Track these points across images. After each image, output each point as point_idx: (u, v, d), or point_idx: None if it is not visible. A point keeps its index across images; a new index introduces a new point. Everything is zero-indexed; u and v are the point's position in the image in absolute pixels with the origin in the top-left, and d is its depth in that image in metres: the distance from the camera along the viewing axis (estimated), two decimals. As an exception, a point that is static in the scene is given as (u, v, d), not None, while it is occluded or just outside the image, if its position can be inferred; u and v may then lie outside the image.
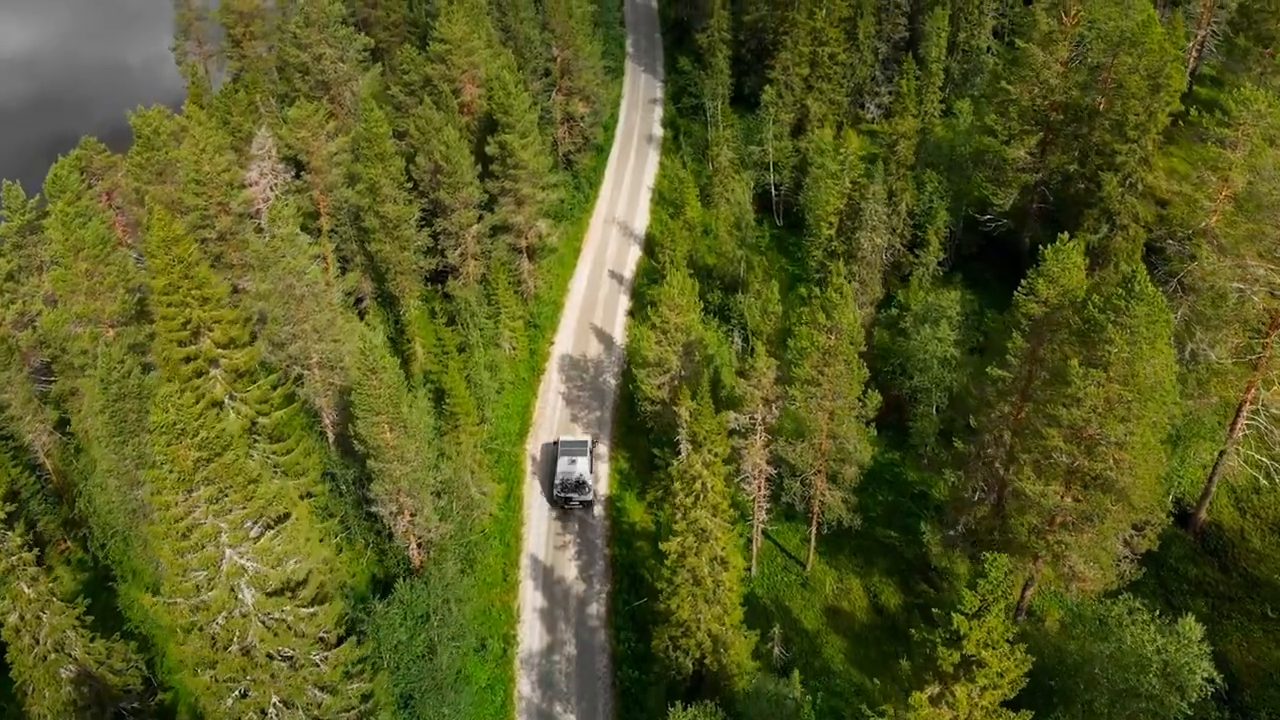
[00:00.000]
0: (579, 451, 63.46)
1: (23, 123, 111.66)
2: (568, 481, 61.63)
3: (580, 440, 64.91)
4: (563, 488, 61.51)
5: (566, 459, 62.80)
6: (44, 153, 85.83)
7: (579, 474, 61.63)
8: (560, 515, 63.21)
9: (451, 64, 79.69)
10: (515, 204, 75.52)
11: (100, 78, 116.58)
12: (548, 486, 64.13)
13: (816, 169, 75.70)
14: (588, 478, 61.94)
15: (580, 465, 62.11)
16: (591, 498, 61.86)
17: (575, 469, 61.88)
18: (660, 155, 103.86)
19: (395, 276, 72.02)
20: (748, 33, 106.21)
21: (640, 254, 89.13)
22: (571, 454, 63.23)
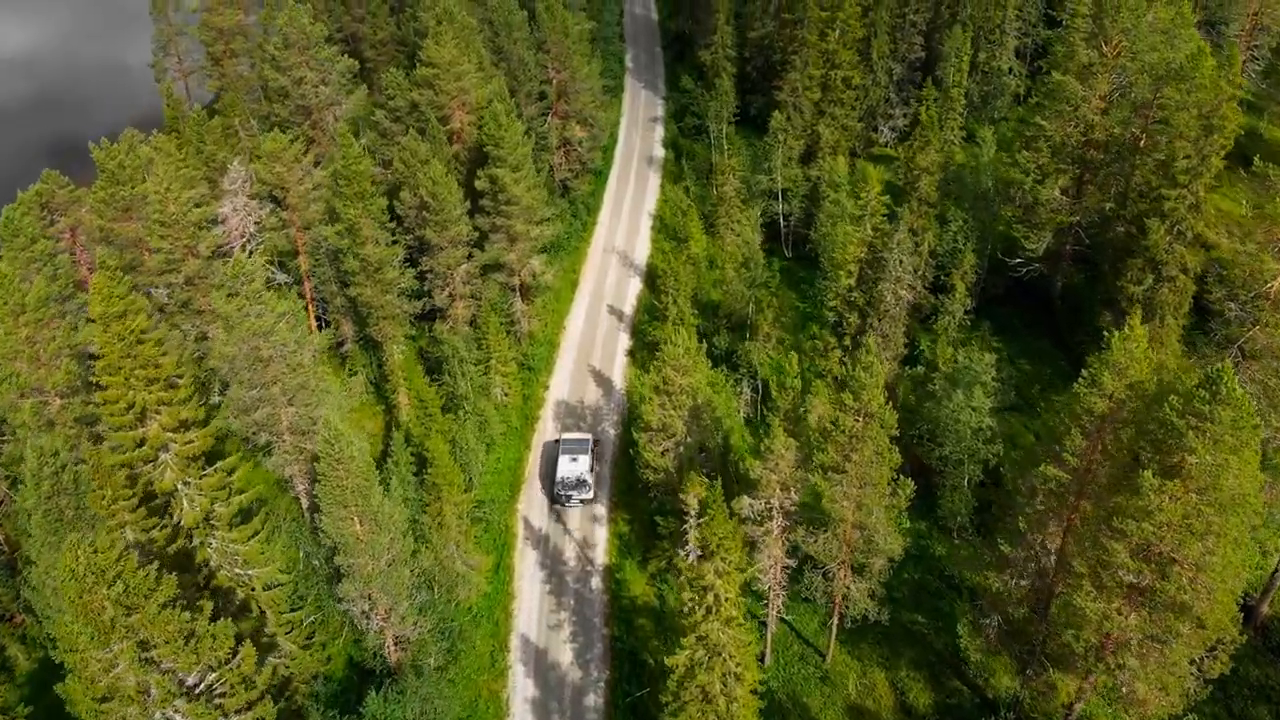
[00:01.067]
0: (580, 450, 62.33)
1: (23, 123, 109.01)
2: (568, 480, 60.79)
3: (582, 438, 63.78)
4: (563, 485, 60.77)
5: (568, 457, 61.83)
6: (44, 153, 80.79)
7: (580, 472, 60.78)
8: (554, 590, 57.66)
9: (439, 89, 73.91)
10: (508, 241, 69.83)
11: (100, 78, 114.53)
12: (548, 484, 63.22)
13: (830, 203, 70.02)
14: (588, 476, 60.99)
15: (581, 463, 61.35)
16: (592, 496, 61.21)
17: (576, 467, 61.06)
18: (661, 178, 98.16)
19: (378, 321, 66.33)
20: (753, 49, 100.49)
21: (641, 286, 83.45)
22: (573, 452, 62.20)
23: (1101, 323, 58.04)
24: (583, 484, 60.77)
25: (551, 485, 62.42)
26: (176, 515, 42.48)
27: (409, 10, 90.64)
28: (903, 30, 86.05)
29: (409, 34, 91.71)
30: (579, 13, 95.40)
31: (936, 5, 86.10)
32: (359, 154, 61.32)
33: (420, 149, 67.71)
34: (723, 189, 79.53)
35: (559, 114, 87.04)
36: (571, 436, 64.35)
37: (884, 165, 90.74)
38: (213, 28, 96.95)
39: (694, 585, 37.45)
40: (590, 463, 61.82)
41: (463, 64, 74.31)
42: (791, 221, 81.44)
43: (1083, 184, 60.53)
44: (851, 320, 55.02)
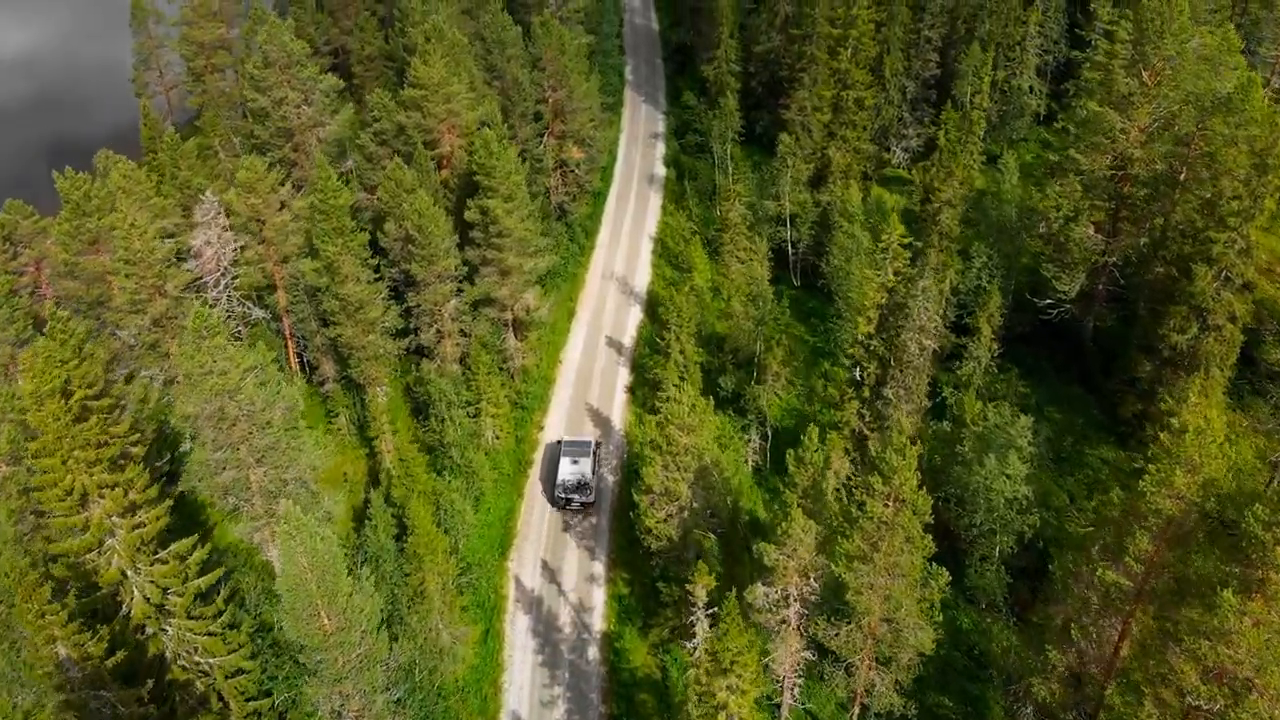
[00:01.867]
0: (582, 453, 61.04)
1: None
2: (569, 483, 59.52)
3: (584, 440, 62.50)
4: (564, 488, 59.45)
5: (569, 460, 60.56)
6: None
7: (581, 475, 59.59)
8: (547, 660, 53.11)
9: (428, 112, 69.26)
10: (499, 275, 65.18)
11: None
12: (549, 487, 61.71)
13: (843, 234, 65.48)
14: (590, 480, 59.69)
15: (583, 466, 60.04)
16: (593, 499, 59.88)
17: (578, 469, 59.90)
18: (662, 199, 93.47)
19: (360, 363, 61.72)
20: (758, 64, 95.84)
21: (641, 316, 78.81)
22: (575, 454, 60.91)
23: (1139, 371, 53.51)
24: (584, 487, 59.22)
25: (552, 488, 60.81)
26: (125, 605, 37.87)
27: (398, 24, 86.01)
28: (917, 46, 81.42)
29: (398, 49, 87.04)
30: (576, 27, 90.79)
31: (952, 20, 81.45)
32: (337, 186, 56.68)
33: (406, 177, 63.10)
34: (728, 215, 74.86)
35: (555, 134, 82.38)
36: (573, 439, 62.75)
37: (896, 188, 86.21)
38: (193, 41, 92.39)
39: (703, 701, 32.89)
40: (592, 466, 60.40)
41: (452, 85, 69.66)
42: (800, 249, 76.82)
43: (1118, 221, 55.92)
44: (871, 370, 50.40)
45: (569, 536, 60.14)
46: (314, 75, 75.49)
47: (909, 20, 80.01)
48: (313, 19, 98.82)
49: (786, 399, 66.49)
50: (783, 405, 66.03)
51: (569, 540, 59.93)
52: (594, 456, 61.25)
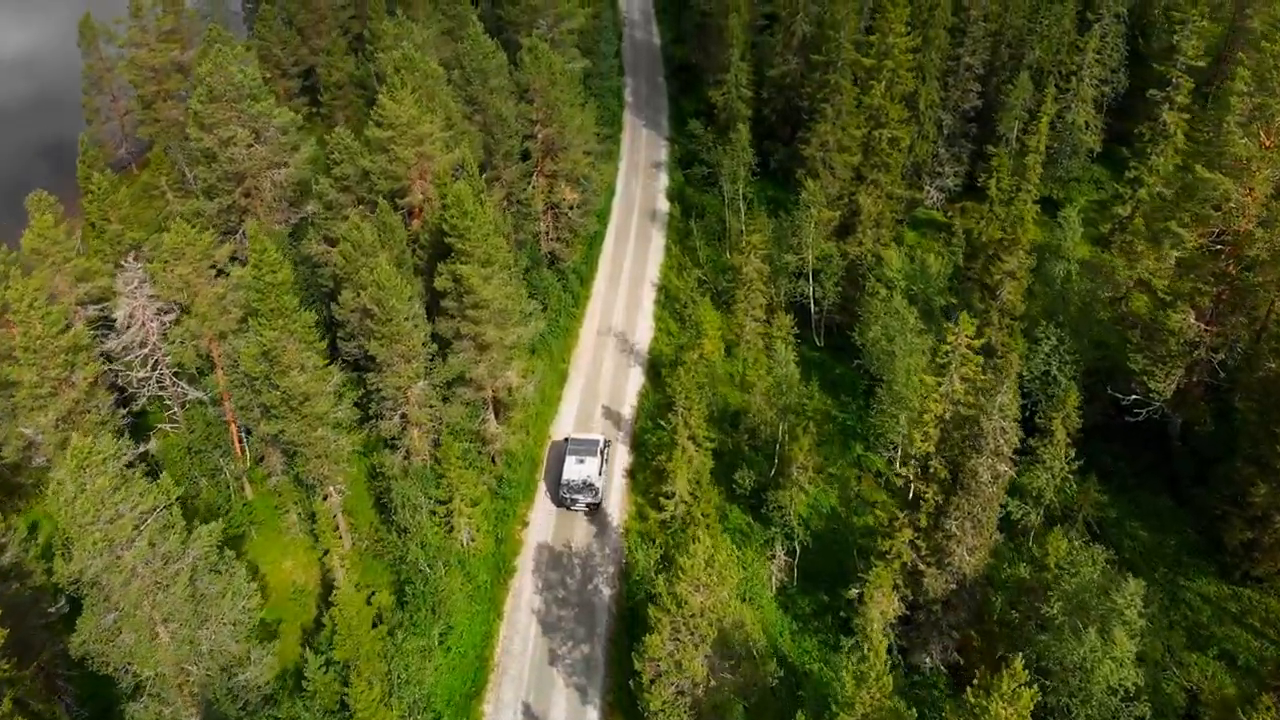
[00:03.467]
0: (589, 451, 57.82)
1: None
2: (574, 483, 56.48)
3: (592, 439, 59.21)
4: (568, 488, 56.44)
5: (574, 458, 57.37)
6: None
7: (587, 475, 56.56)
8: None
9: (395, 155, 58.98)
10: (476, 350, 54.98)
11: None
12: (553, 487, 58.51)
13: (880, 302, 55.31)
14: (596, 480, 56.70)
15: (589, 466, 56.95)
16: (599, 500, 57.14)
17: (583, 469, 56.77)
18: (666, 238, 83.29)
19: (307, 460, 51.54)
20: (772, 90, 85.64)
21: (643, 380, 68.62)
22: (581, 453, 57.71)
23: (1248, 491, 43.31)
24: (589, 488, 56.37)
25: (557, 487, 57.69)
26: None
27: (369, 48, 75.75)
28: (955, 75, 71.07)
29: (370, 76, 76.74)
30: (570, 49, 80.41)
31: (996, 45, 71.12)
32: (275, 259, 46.34)
33: (365, 237, 52.88)
34: (742, 269, 64.57)
35: (545, 173, 72.05)
36: (580, 436, 59.64)
37: (930, 232, 75.93)
38: (142, 65, 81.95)
39: None
40: (599, 465, 57.38)
41: (424, 124, 59.35)
42: (825, 306, 66.57)
43: (1221, 305, 45.74)
44: (930, 495, 40.23)
45: (556, 672, 49.99)
46: (267, 110, 65.23)
47: (946, 46, 69.71)
48: (280, 38, 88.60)
49: (814, 492, 56.31)
50: (809, 501, 55.84)
51: (556, 677, 49.77)
52: (602, 456, 58.07)
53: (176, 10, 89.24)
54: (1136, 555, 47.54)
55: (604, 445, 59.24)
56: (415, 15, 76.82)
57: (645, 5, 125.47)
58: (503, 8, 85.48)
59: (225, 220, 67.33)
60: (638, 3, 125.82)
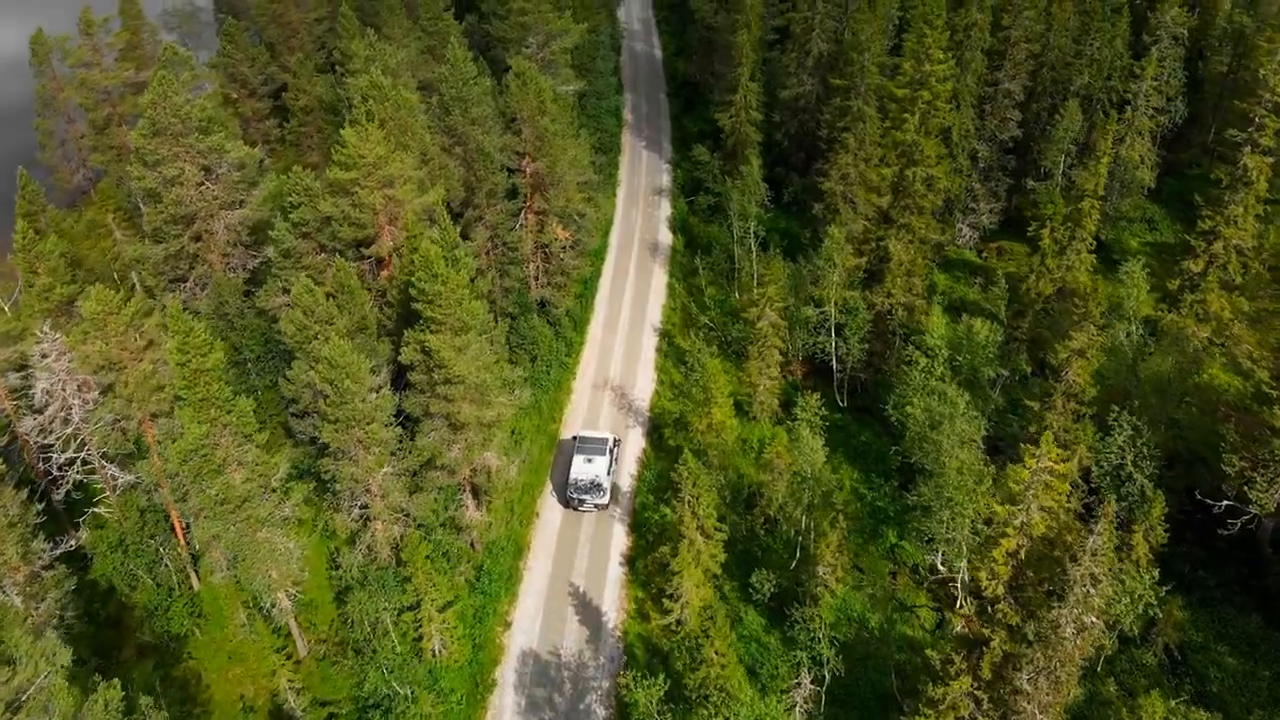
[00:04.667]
0: (598, 450, 55.55)
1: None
2: (581, 482, 54.31)
3: (601, 437, 56.99)
4: (575, 488, 54.33)
5: (583, 457, 55.16)
6: None
7: (595, 475, 54.36)
8: None
9: (360, 200, 51.02)
10: (449, 430, 47.05)
11: None
12: (561, 487, 56.31)
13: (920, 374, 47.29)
14: (604, 480, 54.39)
15: (597, 465, 54.75)
16: (607, 501, 54.74)
17: (591, 469, 54.54)
18: (669, 275, 75.46)
19: (251, 564, 43.57)
20: (785, 113, 77.61)
21: (643, 443, 60.83)
22: (589, 452, 55.39)
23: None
24: (597, 488, 54.21)
25: (564, 488, 55.48)
26: None
27: (339, 69, 67.69)
28: (993, 102, 62.93)
29: (339, 100, 68.66)
30: (564, 70, 72.34)
31: (1037, 70, 63.03)
32: (203, 342, 38.31)
33: (318, 302, 44.92)
34: (756, 323, 56.55)
35: (534, 211, 64.03)
36: (589, 434, 57.37)
37: (963, 275, 67.87)
38: (93, 87, 73.89)
39: None
40: (608, 465, 55.11)
41: (393, 163, 51.39)
42: (850, 365, 58.58)
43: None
44: (998, 642, 32.28)
45: None
46: (220, 144, 57.31)
47: (984, 70, 61.61)
48: (249, 55, 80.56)
49: (842, 592, 48.35)
50: (837, 604, 47.88)
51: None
52: (611, 455, 55.82)
53: (135, 24, 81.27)
54: (1225, 689, 39.59)
55: (613, 444, 56.89)
56: (391, 33, 68.78)
57: (645, 14, 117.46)
58: (490, 23, 77.54)
59: (174, 267, 59.56)
60: (637, 11, 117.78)
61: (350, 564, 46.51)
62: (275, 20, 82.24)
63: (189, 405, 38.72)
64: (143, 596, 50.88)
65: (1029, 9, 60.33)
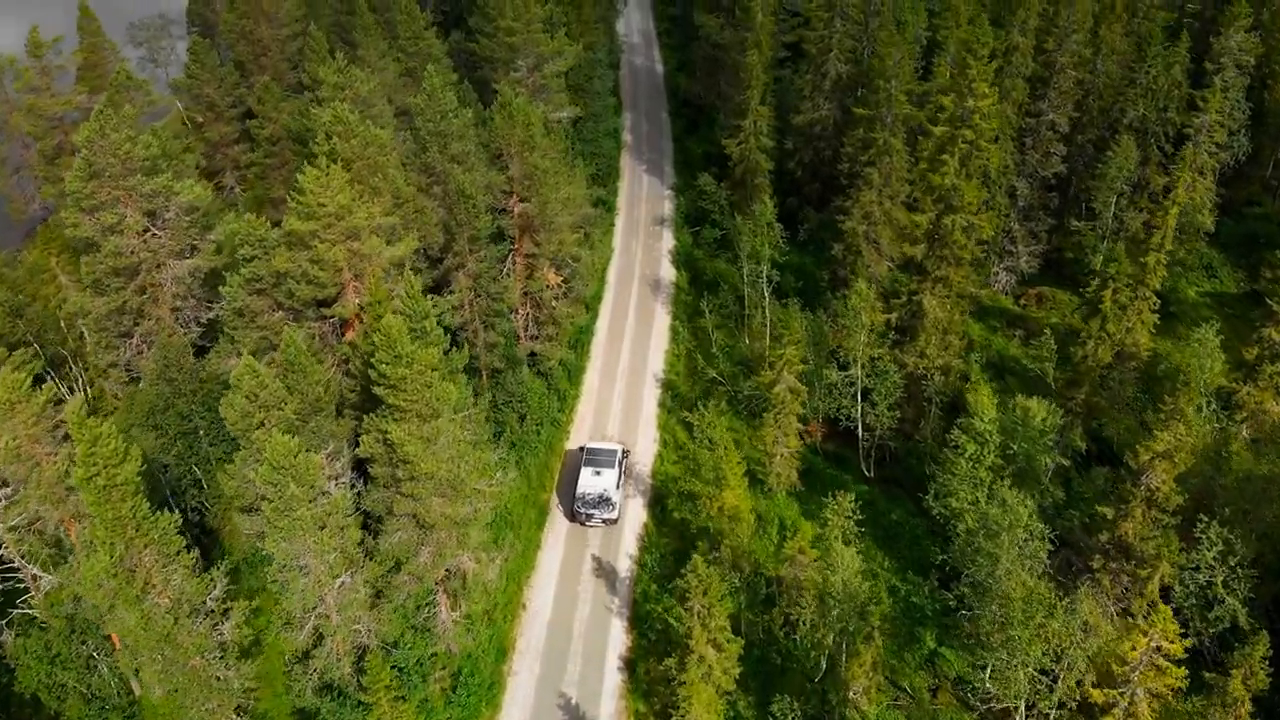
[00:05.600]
0: (607, 463, 52.96)
1: None
2: (588, 496, 51.83)
3: (610, 448, 54.30)
4: (583, 502, 51.77)
5: (590, 470, 52.69)
6: None
7: (603, 489, 51.94)
8: None
9: (319, 255, 44.18)
10: (416, 529, 40.20)
11: None
12: (567, 500, 53.40)
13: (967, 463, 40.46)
14: (614, 494, 51.93)
15: (606, 478, 52.35)
16: (616, 516, 52.13)
17: (600, 482, 52.24)
18: (671, 317, 68.76)
19: (184, 694, 36.71)
20: (799, 139, 70.76)
21: (644, 517, 54.03)
22: (597, 464, 52.87)
23: None
24: (606, 502, 51.67)
25: (571, 500, 52.62)
26: None
27: (309, 94, 60.77)
28: (1035, 134, 56.04)
29: (307, 128, 61.59)
30: (557, 94, 65.41)
31: (1084, 97, 56.14)
32: (114, 449, 31.41)
33: (262, 384, 38.09)
34: (773, 389, 49.69)
35: (523, 256, 57.19)
36: (598, 445, 54.82)
37: (998, 324, 61.03)
38: (41, 114, 66.99)
39: None
40: (617, 478, 52.61)
41: (360, 213, 44.58)
42: (878, 433, 51.75)
43: None
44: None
45: None
46: (167, 185, 50.52)
47: (1025, 98, 54.72)
48: (215, 75, 73.65)
49: (875, 713, 41.48)
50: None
51: None
52: (620, 467, 53.28)
53: (94, 42, 74.46)
54: None
55: (623, 455, 54.40)
56: (367, 55, 61.86)
57: (646, 25, 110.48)
58: (477, 41, 70.64)
59: (117, 323, 52.85)
60: (637, 23, 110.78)
61: (302, 687, 39.60)
62: (245, 37, 75.36)
63: (100, 524, 31.88)
64: (73, 711, 44.09)
65: (1076, 31, 53.47)
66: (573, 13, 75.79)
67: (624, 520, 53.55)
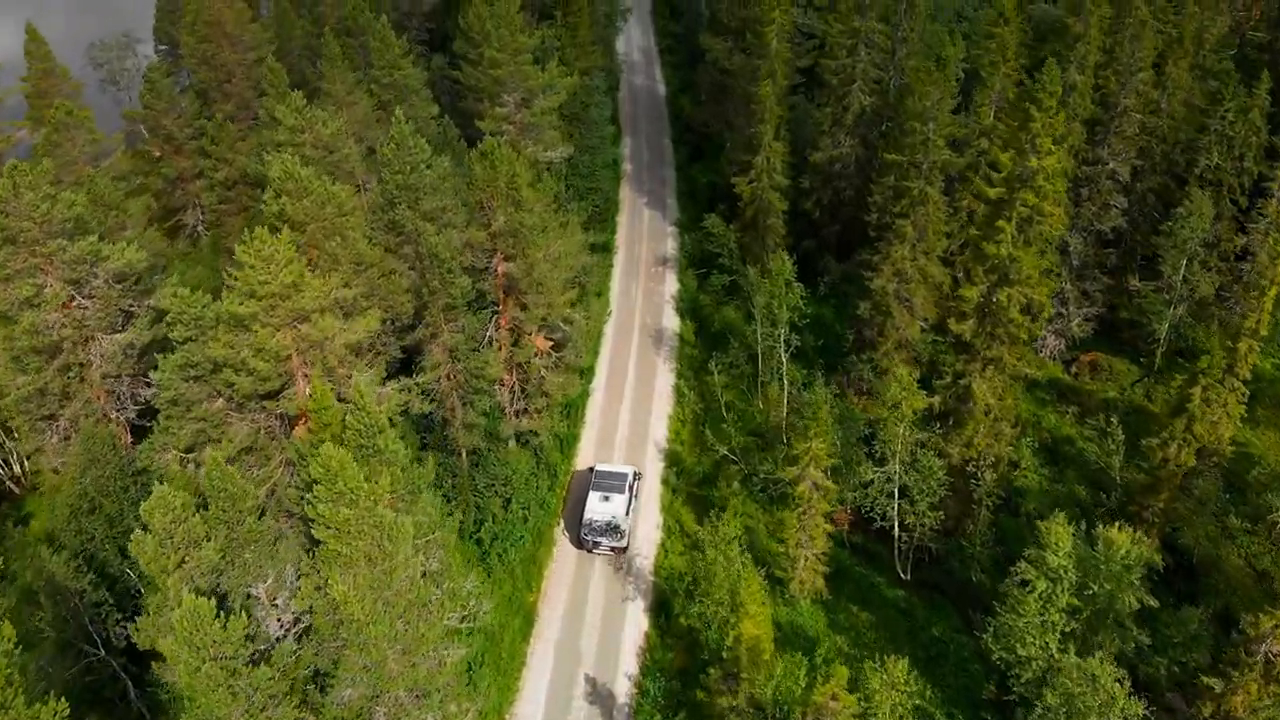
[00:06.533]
0: (616, 487, 48.88)
1: None
2: (596, 523, 47.75)
3: (620, 471, 50.37)
4: (590, 529, 47.73)
5: (599, 495, 48.52)
6: None
7: (612, 515, 47.71)
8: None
9: (260, 343, 36.91)
10: (369, 685, 32.86)
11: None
12: (574, 526, 49.59)
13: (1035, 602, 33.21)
14: (623, 521, 47.64)
15: (615, 504, 48.09)
16: (625, 544, 48.09)
17: (608, 508, 47.90)
18: (675, 374, 61.60)
19: None
20: (817, 177, 63.43)
21: (645, 624, 46.82)
22: (606, 489, 48.73)
23: None
24: (615, 530, 48.08)
25: (577, 527, 49.09)
26: None
27: (266, 134, 53.48)
28: (1093, 185, 48.65)
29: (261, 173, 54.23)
30: (549, 131, 58.02)
31: (1149, 141, 48.76)
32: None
33: (178, 520, 30.79)
34: (797, 487, 42.33)
35: (507, 320, 49.86)
36: (607, 468, 51.07)
37: (1048, 397, 53.67)
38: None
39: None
40: (627, 503, 48.71)
41: (309, 291, 37.33)
42: (916, 535, 44.42)
43: None
44: None
45: None
46: (94, 250, 43.27)
47: (1083, 144, 47.35)
48: (173, 104, 66.34)
49: None
50: None
51: None
52: (630, 492, 49.32)
53: (44, 68, 67.28)
54: None
55: (634, 478, 50.43)
56: (333, 89, 54.46)
57: (647, 42, 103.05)
58: (460, 68, 63.33)
59: (39, 405, 45.59)
60: (637, 39, 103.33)
61: None
62: (206, 62, 68.05)
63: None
64: None
65: (1141, 69, 46.11)
66: (567, 36, 68.42)
67: (621, 622, 46.30)
